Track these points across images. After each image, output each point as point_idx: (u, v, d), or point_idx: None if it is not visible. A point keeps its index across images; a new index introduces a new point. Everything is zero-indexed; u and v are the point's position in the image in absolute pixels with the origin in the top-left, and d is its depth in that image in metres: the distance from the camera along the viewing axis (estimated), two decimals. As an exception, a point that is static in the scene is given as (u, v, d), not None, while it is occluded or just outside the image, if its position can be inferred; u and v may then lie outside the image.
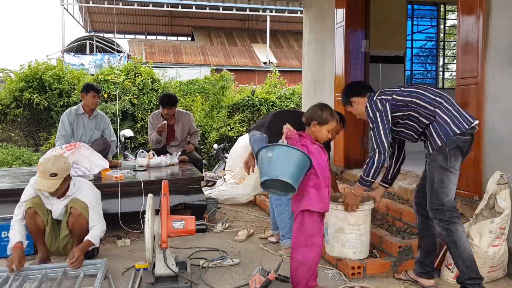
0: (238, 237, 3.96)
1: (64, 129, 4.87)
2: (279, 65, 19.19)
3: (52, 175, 3.09)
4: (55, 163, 3.13)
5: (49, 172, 3.09)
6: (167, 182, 2.85)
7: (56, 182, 3.13)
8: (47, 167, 3.09)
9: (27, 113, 8.96)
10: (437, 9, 7.25)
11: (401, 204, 3.88)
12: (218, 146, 8.35)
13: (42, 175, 3.11)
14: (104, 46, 19.32)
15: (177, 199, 4.21)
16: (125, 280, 3.01)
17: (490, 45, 3.18)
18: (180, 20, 23.57)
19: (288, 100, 10.34)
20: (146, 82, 9.43)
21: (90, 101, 4.91)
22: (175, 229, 2.75)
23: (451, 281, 2.95)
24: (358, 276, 3.01)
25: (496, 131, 3.15)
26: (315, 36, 6.43)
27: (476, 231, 2.90)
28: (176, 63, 19.35)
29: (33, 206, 3.19)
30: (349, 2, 5.13)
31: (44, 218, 3.25)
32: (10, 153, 8.06)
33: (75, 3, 19.53)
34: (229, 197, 5.39)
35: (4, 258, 3.46)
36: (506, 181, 2.91)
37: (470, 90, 3.33)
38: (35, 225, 3.21)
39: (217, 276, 3.08)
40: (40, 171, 3.12)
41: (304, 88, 6.99)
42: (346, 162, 5.25)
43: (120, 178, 4.15)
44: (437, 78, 7.39)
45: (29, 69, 8.98)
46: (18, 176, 4.68)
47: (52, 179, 3.10)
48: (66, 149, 4.19)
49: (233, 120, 9.82)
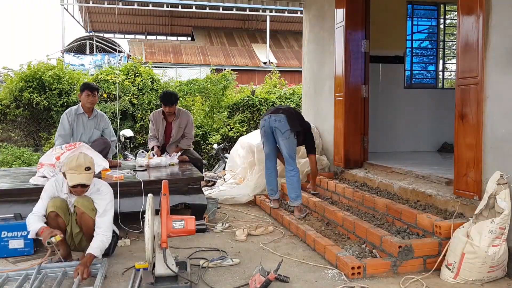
0: (238, 237, 3.96)
1: (63, 129, 4.87)
2: (279, 65, 19.20)
3: (87, 168, 3.14)
4: (86, 157, 3.19)
5: (84, 166, 3.13)
6: (167, 182, 2.85)
7: (90, 176, 3.19)
8: (80, 162, 3.12)
9: (27, 113, 8.96)
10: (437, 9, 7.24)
11: (401, 204, 3.88)
12: (218, 146, 8.35)
13: (76, 170, 3.12)
14: (104, 46, 19.33)
15: (177, 199, 4.20)
16: (125, 280, 3.01)
17: (490, 45, 3.18)
18: (180, 20, 23.59)
19: (288, 100, 10.33)
20: (146, 82, 9.43)
21: (85, 100, 4.91)
22: (175, 229, 2.75)
23: (451, 281, 2.95)
24: (358, 276, 3.01)
25: (496, 131, 3.15)
26: (315, 36, 6.43)
27: (476, 231, 2.89)
28: (176, 63, 19.36)
29: (54, 210, 3.19)
30: (349, 2, 5.13)
31: (65, 219, 3.26)
32: (10, 153, 8.06)
33: (75, 3, 19.54)
34: (229, 197, 5.39)
35: (4, 258, 3.47)
36: (506, 181, 2.91)
37: (470, 90, 3.32)
38: (57, 226, 3.20)
39: (217, 276, 3.08)
40: (73, 167, 3.11)
41: (304, 88, 6.99)
42: (346, 162, 5.25)
43: (120, 178, 4.15)
44: (437, 78, 7.38)
45: (29, 69, 8.98)
46: (18, 176, 4.68)
47: (87, 173, 3.15)
48: (66, 148, 4.20)
49: (233, 120, 9.82)
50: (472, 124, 3.30)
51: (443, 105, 6.25)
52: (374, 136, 5.79)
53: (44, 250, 3.64)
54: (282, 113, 4.55)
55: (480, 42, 3.22)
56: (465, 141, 3.37)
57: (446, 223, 3.16)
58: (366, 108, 5.28)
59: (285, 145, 4.49)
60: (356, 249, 3.39)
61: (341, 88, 5.24)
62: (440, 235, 3.16)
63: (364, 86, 5.24)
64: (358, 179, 4.97)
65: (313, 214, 4.62)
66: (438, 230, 3.17)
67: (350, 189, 4.55)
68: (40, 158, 4.38)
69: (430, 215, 3.37)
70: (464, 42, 3.39)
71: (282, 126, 4.46)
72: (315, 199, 4.68)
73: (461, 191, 3.43)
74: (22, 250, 3.53)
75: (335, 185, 4.85)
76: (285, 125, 4.45)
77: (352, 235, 3.74)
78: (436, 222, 3.21)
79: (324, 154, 5.90)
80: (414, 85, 7.02)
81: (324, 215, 4.34)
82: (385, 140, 6.27)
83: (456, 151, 3.49)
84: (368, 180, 4.77)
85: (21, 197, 3.90)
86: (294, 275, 3.08)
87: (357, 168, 5.22)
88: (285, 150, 4.51)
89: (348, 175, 5.19)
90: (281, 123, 4.46)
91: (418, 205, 3.80)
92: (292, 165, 4.53)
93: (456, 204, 3.44)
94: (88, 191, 3.31)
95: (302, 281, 3.00)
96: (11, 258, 3.47)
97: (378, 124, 6.12)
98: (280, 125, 4.47)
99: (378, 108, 6.19)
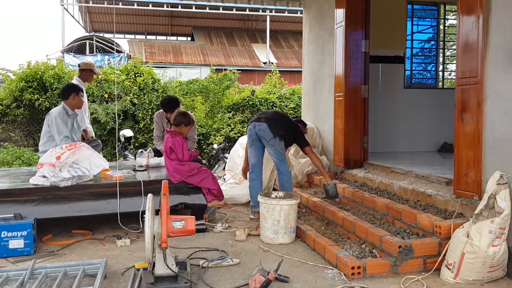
0: (238, 237, 3.96)
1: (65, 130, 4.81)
2: (279, 65, 19.18)
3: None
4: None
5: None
6: (167, 182, 2.85)
7: None
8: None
9: (27, 113, 8.95)
10: (437, 9, 7.24)
11: (401, 204, 3.88)
12: (218, 146, 8.34)
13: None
14: (104, 46, 19.33)
15: (177, 199, 4.21)
16: (125, 280, 3.01)
17: (490, 45, 3.18)
18: (180, 20, 23.59)
19: (288, 100, 10.32)
20: (147, 82, 9.43)
21: (80, 101, 5.03)
22: (175, 229, 2.75)
23: (451, 281, 2.95)
24: (358, 276, 3.01)
25: (496, 131, 3.15)
26: (315, 36, 6.43)
27: (476, 231, 2.89)
28: (176, 63, 19.36)
29: None
30: (349, 2, 5.13)
31: None
32: (10, 153, 8.05)
33: (75, 3, 19.54)
34: (229, 197, 5.39)
35: (4, 258, 3.47)
36: (506, 181, 2.91)
37: (470, 90, 3.33)
38: None
39: (217, 276, 3.08)
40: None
41: (304, 88, 7.00)
42: (346, 162, 5.25)
43: (120, 178, 4.16)
44: (437, 78, 7.38)
45: (29, 69, 8.97)
46: (18, 176, 4.68)
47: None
48: (66, 149, 4.19)
49: (234, 120, 9.82)
50: (472, 124, 3.30)
51: (443, 105, 6.25)
52: (374, 136, 5.79)
53: (43, 251, 3.64)
54: (264, 121, 4.54)
55: (480, 42, 3.22)
56: (465, 141, 3.37)
57: (446, 223, 3.16)
58: (366, 108, 5.28)
59: (272, 152, 4.54)
60: (356, 249, 3.38)
61: (341, 88, 5.24)
62: (440, 235, 3.16)
63: (364, 86, 5.24)
64: (358, 179, 4.97)
65: (313, 214, 4.62)
66: (438, 230, 3.17)
67: (350, 189, 4.55)
68: (40, 158, 4.38)
69: (430, 215, 3.38)
70: (464, 42, 3.39)
71: (266, 135, 4.49)
72: (315, 199, 4.68)
73: (461, 191, 3.43)
74: (22, 250, 3.53)
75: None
76: (268, 134, 4.48)
77: (352, 235, 3.74)
78: (436, 222, 3.21)
79: (324, 154, 5.90)
80: (414, 85, 7.03)
81: (324, 215, 4.34)
82: (385, 140, 6.27)
83: (456, 151, 3.49)
84: (368, 180, 4.77)
85: (21, 197, 3.91)
86: (294, 275, 3.08)
87: (357, 168, 5.23)
88: (273, 157, 4.57)
89: (348, 175, 5.19)
90: (265, 133, 4.48)
91: (418, 205, 3.80)
92: (282, 168, 4.57)
93: (456, 204, 3.44)
94: None
95: (302, 281, 3.00)
96: (11, 258, 3.47)
97: (378, 124, 6.12)
98: (264, 134, 4.50)
99: (378, 108, 6.19)
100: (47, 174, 4.02)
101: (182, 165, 4.38)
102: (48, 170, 4.04)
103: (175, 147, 4.36)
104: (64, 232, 4.11)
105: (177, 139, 4.40)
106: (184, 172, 4.36)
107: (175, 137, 4.40)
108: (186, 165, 4.39)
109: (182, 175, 4.35)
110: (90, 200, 4.04)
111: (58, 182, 3.99)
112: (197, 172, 4.42)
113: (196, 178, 4.41)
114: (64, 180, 4.01)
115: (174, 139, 4.38)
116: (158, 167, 5.02)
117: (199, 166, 4.48)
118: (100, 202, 4.04)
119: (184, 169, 4.37)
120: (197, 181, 4.40)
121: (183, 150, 4.40)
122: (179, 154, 4.37)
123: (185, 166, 4.39)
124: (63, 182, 4.00)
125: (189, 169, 4.39)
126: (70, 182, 4.02)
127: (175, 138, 4.40)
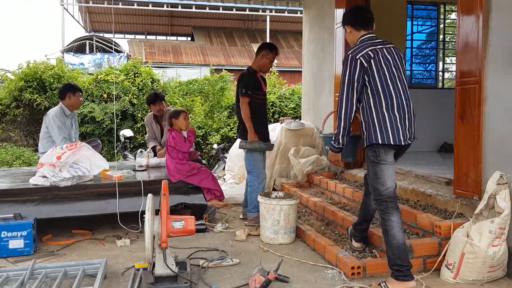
0: (238, 237, 3.96)
1: (63, 132, 4.82)
2: (279, 65, 19.17)
3: None
4: None
5: None
6: (166, 182, 2.85)
7: None
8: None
9: (27, 113, 8.95)
10: (437, 9, 7.24)
11: (400, 204, 3.88)
12: (217, 146, 8.34)
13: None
14: (104, 46, 19.32)
15: (177, 199, 4.21)
16: (125, 280, 3.01)
17: (490, 45, 3.18)
18: (180, 20, 23.58)
19: (287, 100, 10.32)
20: (146, 82, 9.42)
21: (78, 101, 5.07)
22: (175, 229, 2.75)
23: (451, 281, 2.95)
24: (358, 276, 3.01)
25: (496, 131, 3.15)
26: (315, 36, 6.43)
27: (476, 231, 2.89)
28: (176, 63, 19.34)
29: None
30: (349, 2, 5.13)
31: None
32: (10, 153, 8.05)
33: (75, 3, 19.53)
34: (229, 197, 5.39)
35: (4, 258, 3.47)
36: (506, 181, 2.91)
37: (470, 90, 3.32)
38: None
39: (217, 276, 3.08)
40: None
41: (304, 88, 6.99)
42: (345, 162, 5.24)
43: (120, 178, 4.16)
44: (437, 78, 7.38)
45: (28, 69, 8.96)
46: (18, 176, 4.68)
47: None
48: (66, 148, 4.19)
49: (233, 120, 9.81)
50: (472, 124, 3.30)
51: (443, 105, 6.25)
52: (374, 136, 5.77)
53: (43, 251, 3.64)
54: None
55: (480, 42, 3.22)
56: (465, 141, 3.37)
57: (446, 223, 3.16)
58: (366, 108, 5.27)
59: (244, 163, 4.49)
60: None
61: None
62: (440, 235, 3.16)
63: (364, 86, 5.22)
64: (358, 179, 4.97)
65: (313, 214, 4.62)
66: (438, 230, 3.17)
67: (350, 189, 4.55)
68: (41, 158, 4.38)
69: (430, 215, 3.38)
70: (464, 42, 3.39)
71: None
72: (315, 199, 4.68)
73: (461, 191, 3.43)
74: (22, 250, 3.53)
75: (335, 185, 4.85)
76: (239, 144, 4.38)
77: (352, 235, 3.74)
78: (436, 222, 3.21)
79: (324, 154, 5.90)
80: (414, 85, 7.02)
81: (324, 215, 4.34)
82: (385, 140, 6.25)
83: (456, 151, 3.49)
84: (368, 180, 4.76)
85: (21, 197, 3.91)
86: (294, 275, 3.08)
87: (357, 168, 5.22)
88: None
89: (348, 175, 5.19)
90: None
91: (418, 205, 3.80)
92: (250, 180, 4.38)
93: (456, 204, 3.44)
94: None
95: (302, 281, 3.00)
96: (11, 258, 3.47)
97: (378, 124, 6.10)
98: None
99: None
100: (47, 174, 4.02)
101: (183, 165, 4.39)
102: (48, 170, 4.04)
103: (175, 141, 4.38)
104: (64, 232, 4.11)
105: (173, 133, 4.43)
106: (184, 171, 4.37)
107: (171, 132, 4.46)
108: (186, 165, 4.40)
109: (182, 175, 4.36)
110: (90, 200, 4.04)
111: (58, 182, 3.99)
112: (197, 172, 4.43)
113: (196, 178, 4.41)
114: (64, 180, 4.01)
115: (171, 135, 4.44)
116: (158, 167, 5.02)
117: (199, 166, 4.49)
118: (100, 202, 4.05)
119: (184, 169, 4.38)
120: (197, 181, 4.41)
121: (181, 141, 4.41)
122: (178, 146, 4.38)
123: (185, 165, 4.40)
124: (63, 182, 4.00)
125: (189, 169, 4.40)
126: (70, 182, 4.02)
127: (171, 133, 4.45)
